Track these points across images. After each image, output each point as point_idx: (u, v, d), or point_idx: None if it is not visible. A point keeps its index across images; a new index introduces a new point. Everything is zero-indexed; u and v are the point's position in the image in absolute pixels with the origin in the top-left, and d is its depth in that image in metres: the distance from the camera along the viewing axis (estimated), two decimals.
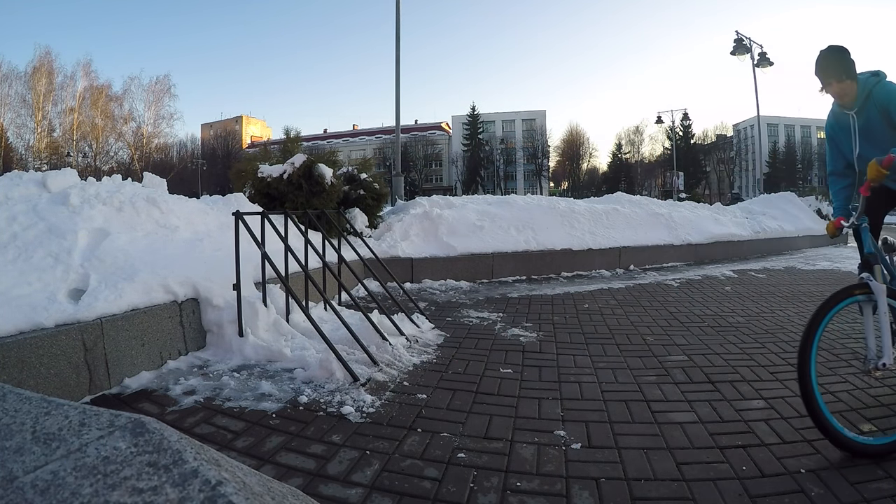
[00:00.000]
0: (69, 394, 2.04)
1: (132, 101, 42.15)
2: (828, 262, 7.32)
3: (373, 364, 2.52)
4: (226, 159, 45.39)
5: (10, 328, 1.95)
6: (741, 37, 17.07)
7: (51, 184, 3.13)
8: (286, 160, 5.16)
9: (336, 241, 4.02)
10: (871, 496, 1.45)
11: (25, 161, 34.55)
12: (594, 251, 6.30)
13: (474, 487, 1.52)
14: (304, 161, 5.00)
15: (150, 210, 3.26)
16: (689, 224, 7.66)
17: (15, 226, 2.63)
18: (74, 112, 37.57)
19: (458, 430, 1.90)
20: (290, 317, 3.12)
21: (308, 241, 3.41)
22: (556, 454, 1.72)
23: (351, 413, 2.02)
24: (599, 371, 2.57)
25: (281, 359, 2.60)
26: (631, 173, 57.23)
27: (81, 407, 0.83)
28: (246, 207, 3.94)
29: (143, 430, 0.74)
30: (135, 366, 2.37)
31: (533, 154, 56.17)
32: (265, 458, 1.68)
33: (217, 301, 2.78)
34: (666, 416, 2.03)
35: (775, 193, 12.06)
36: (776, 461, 1.65)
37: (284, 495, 0.79)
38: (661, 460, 1.68)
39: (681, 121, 50.85)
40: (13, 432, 0.75)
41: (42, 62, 36.03)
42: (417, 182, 55.09)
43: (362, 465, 1.64)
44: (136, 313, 2.40)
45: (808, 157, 54.61)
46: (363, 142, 62.90)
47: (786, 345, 3.01)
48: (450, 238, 5.75)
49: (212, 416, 2.00)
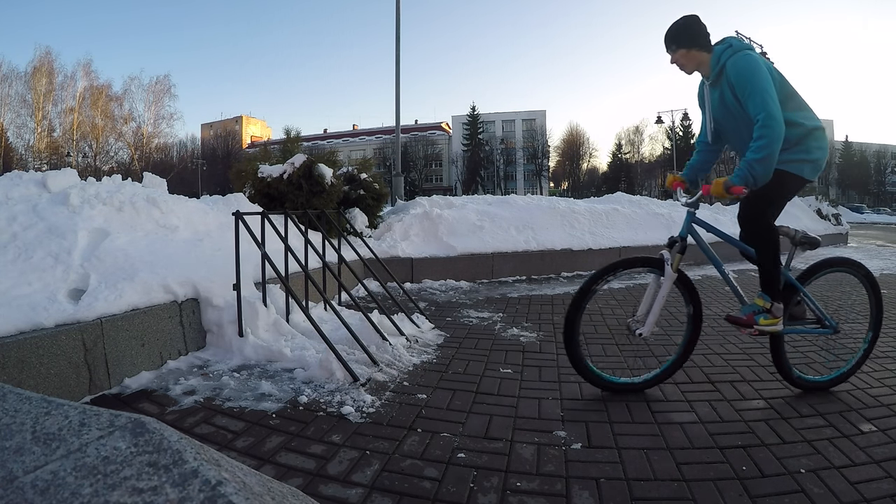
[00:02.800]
0: (69, 394, 2.04)
1: (132, 101, 42.18)
2: None
3: (373, 364, 2.52)
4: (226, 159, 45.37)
5: (10, 328, 1.95)
6: (741, 37, 17.08)
7: (51, 184, 3.13)
8: (286, 160, 5.16)
9: (336, 241, 4.02)
10: (871, 496, 1.45)
11: (25, 161, 34.55)
12: (594, 251, 6.30)
13: (474, 487, 1.52)
14: (304, 161, 5.00)
15: (150, 210, 3.26)
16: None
17: (15, 226, 2.63)
18: (74, 112, 37.57)
19: (458, 430, 1.90)
20: (290, 317, 3.12)
21: (308, 241, 3.41)
22: (556, 454, 1.72)
23: (351, 413, 2.02)
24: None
25: (281, 359, 2.60)
26: (631, 173, 57.17)
27: (81, 407, 0.83)
28: (246, 207, 3.94)
29: (143, 430, 0.74)
30: (135, 366, 2.37)
31: (533, 154, 56.15)
32: (265, 458, 1.68)
33: (217, 301, 2.78)
34: (666, 416, 2.03)
35: None
36: (776, 461, 1.65)
37: (284, 495, 0.78)
38: (661, 460, 1.68)
39: (681, 121, 50.75)
40: (13, 432, 0.75)
41: (42, 62, 36.06)
42: (417, 182, 55.07)
43: (362, 465, 1.64)
44: (136, 313, 2.40)
45: None
46: (363, 142, 62.92)
47: (785, 345, 2.99)
48: (450, 238, 5.75)
49: (212, 416, 2.00)
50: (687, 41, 2.15)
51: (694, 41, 2.14)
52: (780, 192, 2.13)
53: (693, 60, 2.17)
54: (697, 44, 2.14)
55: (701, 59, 2.16)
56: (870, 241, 12.60)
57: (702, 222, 2.30)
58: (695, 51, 2.15)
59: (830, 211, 11.78)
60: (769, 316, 2.16)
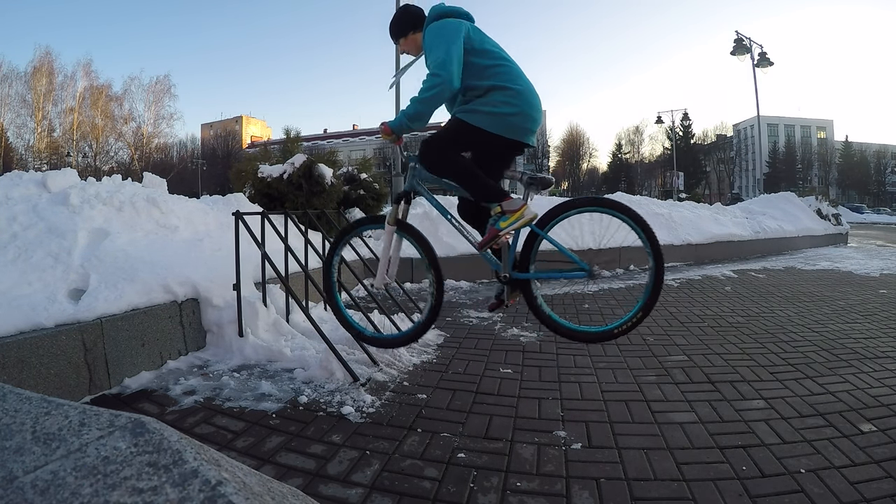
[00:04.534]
0: (69, 394, 2.04)
1: (132, 101, 42.23)
2: (828, 263, 7.32)
3: (373, 364, 2.52)
4: (226, 159, 45.32)
5: (10, 328, 1.95)
6: (741, 37, 17.07)
7: (51, 184, 3.13)
8: (286, 160, 5.16)
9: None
10: (871, 496, 1.45)
11: (25, 161, 34.54)
12: (594, 251, 6.30)
13: (474, 487, 1.52)
14: (304, 161, 5.00)
15: (150, 210, 3.26)
16: (689, 224, 7.66)
17: (15, 226, 2.63)
18: (74, 112, 37.55)
19: (458, 430, 1.90)
20: (290, 317, 3.12)
21: (308, 241, 3.41)
22: (556, 454, 1.72)
23: (351, 413, 2.02)
24: (599, 371, 2.57)
25: (281, 359, 2.60)
26: (631, 173, 57.20)
27: (81, 407, 0.83)
28: (246, 207, 3.94)
29: (143, 430, 0.74)
30: (135, 366, 2.37)
31: (533, 154, 56.10)
32: (265, 458, 1.68)
33: (217, 301, 2.78)
34: (666, 416, 2.03)
35: (775, 193, 12.06)
36: (776, 461, 1.65)
37: (284, 495, 0.78)
38: (661, 460, 1.68)
39: (681, 121, 50.85)
40: (13, 432, 0.75)
41: (42, 62, 36.02)
42: None
43: (362, 465, 1.64)
44: (136, 313, 2.40)
45: (809, 157, 54.60)
46: (363, 142, 62.87)
47: (786, 345, 3.01)
48: (450, 238, 5.75)
49: (212, 416, 2.00)
50: (401, 29, 2.32)
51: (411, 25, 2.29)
52: (453, 136, 2.14)
53: (413, 43, 2.32)
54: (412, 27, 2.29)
55: (418, 39, 2.28)
56: (870, 241, 12.60)
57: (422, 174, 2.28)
58: (412, 35, 2.31)
59: (830, 211, 11.77)
60: (508, 215, 2.06)
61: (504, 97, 2.07)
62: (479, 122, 2.08)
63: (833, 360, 2.69)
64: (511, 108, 2.07)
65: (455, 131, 2.13)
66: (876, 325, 3.49)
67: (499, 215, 2.09)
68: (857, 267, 6.78)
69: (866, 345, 2.98)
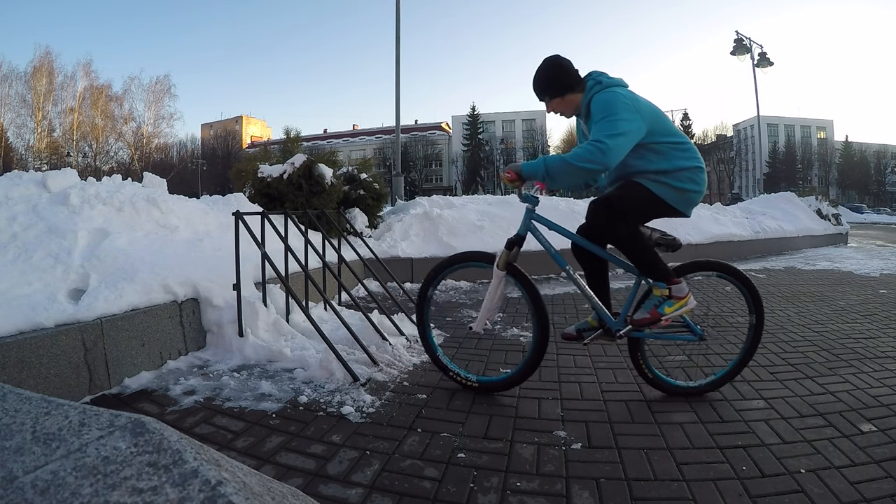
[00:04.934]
0: (69, 394, 2.04)
1: (132, 101, 42.16)
2: (828, 263, 7.32)
3: (373, 364, 2.52)
4: (226, 159, 45.37)
5: (10, 328, 1.95)
6: (741, 37, 17.08)
7: (51, 184, 3.13)
8: (286, 160, 5.16)
9: (336, 241, 4.02)
10: (871, 496, 1.45)
11: (25, 161, 34.52)
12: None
13: (474, 487, 1.52)
14: (304, 161, 5.00)
15: (150, 210, 3.26)
16: (688, 224, 7.65)
17: (15, 226, 2.63)
18: (74, 112, 37.54)
19: (458, 430, 1.90)
20: (290, 317, 3.12)
21: (308, 241, 3.41)
22: (556, 454, 1.72)
23: (351, 413, 2.02)
24: (599, 371, 2.57)
25: (281, 359, 2.60)
26: None
27: (81, 407, 0.83)
28: (246, 207, 3.94)
29: (143, 430, 0.74)
30: (135, 366, 2.37)
31: (533, 154, 56.09)
32: (265, 458, 1.67)
33: (217, 301, 2.78)
34: (666, 416, 2.03)
35: (775, 193, 12.06)
36: (776, 461, 1.65)
37: (284, 495, 0.78)
38: (661, 460, 1.68)
39: (681, 121, 50.86)
40: (13, 432, 0.75)
41: (42, 62, 36.02)
42: (417, 182, 55.07)
43: (362, 465, 1.64)
44: (136, 313, 2.40)
45: (808, 157, 54.60)
46: (363, 142, 62.90)
47: (786, 345, 3.01)
48: (450, 238, 5.75)
49: (212, 416, 2.00)
50: (559, 89, 2.14)
51: (566, 87, 2.13)
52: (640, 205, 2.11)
53: (571, 104, 2.17)
54: (570, 88, 2.13)
55: (576, 100, 2.15)
56: (870, 241, 12.60)
57: (542, 219, 2.29)
58: (569, 95, 2.15)
59: (830, 211, 11.76)
60: (673, 301, 2.09)
61: (692, 175, 2.11)
62: (665, 195, 2.09)
63: (833, 360, 2.69)
64: (697, 186, 2.12)
65: (643, 200, 2.10)
66: (876, 325, 3.50)
67: (664, 298, 2.11)
68: (857, 267, 6.78)
69: (866, 345, 2.98)
